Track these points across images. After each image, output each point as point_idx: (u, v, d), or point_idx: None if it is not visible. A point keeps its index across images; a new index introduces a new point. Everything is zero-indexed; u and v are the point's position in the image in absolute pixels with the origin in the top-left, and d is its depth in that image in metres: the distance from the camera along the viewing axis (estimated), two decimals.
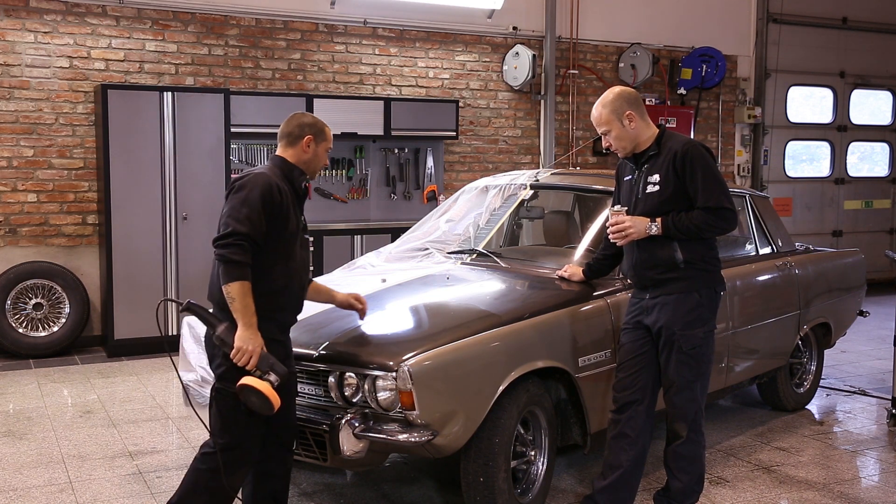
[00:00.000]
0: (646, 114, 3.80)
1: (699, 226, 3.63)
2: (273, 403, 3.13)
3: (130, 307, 7.13)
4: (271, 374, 3.17)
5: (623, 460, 3.80)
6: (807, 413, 5.81)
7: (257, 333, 3.18)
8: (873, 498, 4.32)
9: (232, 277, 3.15)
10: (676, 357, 3.72)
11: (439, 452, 3.52)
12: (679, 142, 3.72)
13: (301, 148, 3.45)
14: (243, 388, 3.13)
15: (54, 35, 7.37)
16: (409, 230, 5.43)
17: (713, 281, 3.79)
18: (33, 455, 4.78)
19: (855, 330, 6.78)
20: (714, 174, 3.66)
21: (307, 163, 3.47)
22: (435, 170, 8.78)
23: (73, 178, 7.49)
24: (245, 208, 3.19)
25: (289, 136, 3.47)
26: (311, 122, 3.49)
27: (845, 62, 11.33)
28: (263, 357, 3.18)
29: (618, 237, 3.74)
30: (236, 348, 3.16)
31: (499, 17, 9.10)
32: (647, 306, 3.79)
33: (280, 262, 3.31)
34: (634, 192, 3.81)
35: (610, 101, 3.74)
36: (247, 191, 3.23)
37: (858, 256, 6.35)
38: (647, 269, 3.76)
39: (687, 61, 10.01)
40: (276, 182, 3.30)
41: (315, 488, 4.34)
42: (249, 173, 3.33)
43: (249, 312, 3.17)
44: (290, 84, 8.25)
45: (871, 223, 11.77)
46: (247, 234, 3.17)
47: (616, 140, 3.76)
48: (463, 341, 3.57)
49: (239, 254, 3.15)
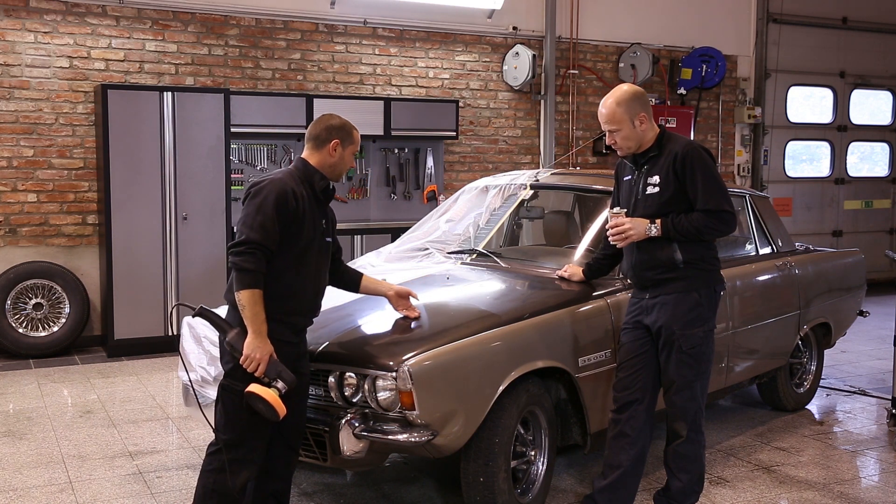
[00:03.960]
0: (652, 115, 3.80)
1: (699, 228, 3.63)
2: (279, 412, 3.15)
3: (130, 307, 7.13)
4: (279, 381, 3.19)
5: (623, 460, 3.80)
6: (807, 413, 5.81)
7: (267, 341, 3.20)
8: (873, 498, 4.32)
9: (244, 285, 3.18)
10: (676, 357, 3.72)
11: (439, 452, 3.52)
12: (679, 143, 3.72)
13: (327, 151, 3.45)
14: (250, 395, 3.16)
15: (54, 35, 7.37)
16: (409, 230, 5.43)
17: (713, 280, 3.79)
18: (33, 455, 4.78)
19: (855, 330, 6.77)
20: (714, 177, 3.67)
21: (332, 166, 3.47)
22: (435, 170, 8.78)
23: (73, 178, 7.49)
24: (259, 216, 3.21)
25: (316, 139, 3.46)
26: (339, 124, 3.48)
27: (845, 62, 11.33)
28: (272, 364, 3.20)
29: (617, 239, 3.74)
30: (245, 355, 3.19)
31: (499, 17, 9.10)
32: (646, 306, 3.79)
33: (293, 267, 3.33)
34: (634, 193, 3.80)
35: (626, 101, 3.69)
36: (261, 197, 3.25)
37: (858, 256, 6.35)
38: (646, 269, 3.76)
39: (687, 61, 10.01)
40: (292, 187, 3.31)
41: (315, 488, 4.34)
42: (266, 178, 3.35)
43: (259, 320, 3.19)
44: (290, 84, 8.25)
45: (871, 223, 11.77)
46: (259, 243, 3.19)
47: (623, 140, 3.74)
48: (463, 341, 3.57)
49: (251, 262, 3.18)
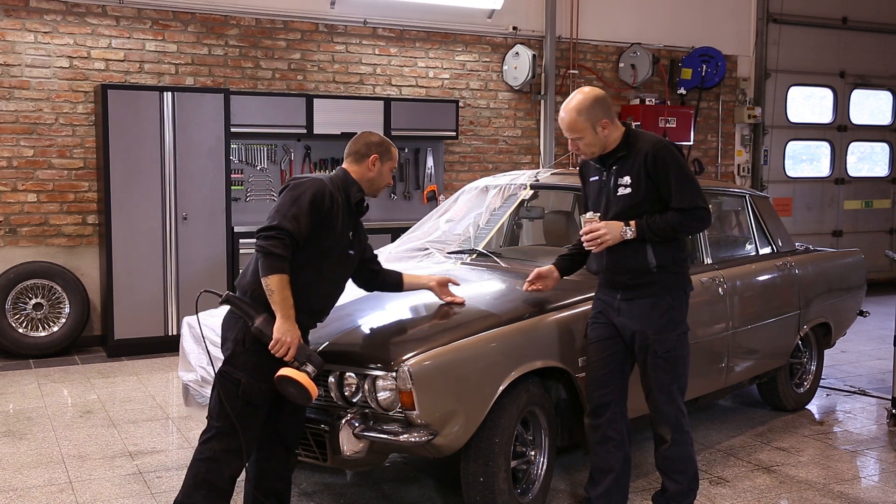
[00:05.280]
0: (615, 115, 3.74)
1: (674, 227, 3.61)
2: (311, 393, 3.21)
3: (130, 307, 7.13)
4: (308, 365, 3.24)
5: (613, 463, 3.80)
6: (807, 413, 5.81)
7: (295, 325, 3.26)
8: (873, 498, 4.32)
9: (273, 270, 3.22)
10: (652, 361, 3.71)
11: (439, 452, 3.52)
12: (648, 142, 3.66)
13: (367, 166, 3.56)
14: (281, 378, 3.21)
15: (54, 35, 7.37)
16: (409, 230, 5.43)
17: (683, 283, 3.78)
18: (33, 455, 4.78)
19: (855, 330, 6.77)
20: (686, 174, 3.64)
21: (371, 181, 3.58)
22: (435, 170, 8.78)
23: (73, 178, 7.49)
24: (294, 207, 3.29)
25: (356, 154, 3.57)
26: (379, 141, 3.60)
27: (845, 62, 11.33)
28: (301, 348, 3.27)
29: (593, 245, 3.69)
30: (275, 339, 3.23)
31: (499, 17, 9.10)
32: (617, 306, 3.77)
33: (311, 267, 3.38)
34: (605, 195, 3.76)
35: (586, 108, 3.63)
36: (300, 191, 3.33)
37: (858, 256, 6.35)
38: (619, 273, 3.73)
39: (687, 61, 10.01)
40: (331, 190, 3.41)
41: (315, 488, 4.35)
42: (309, 176, 3.47)
43: (288, 305, 3.24)
44: (290, 84, 8.25)
45: (871, 223, 11.77)
46: (290, 232, 3.25)
47: (586, 146, 3.69)
48: (463, 341, 3.57)
49: (280, 248, 3.23)
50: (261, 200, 8.03)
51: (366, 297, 3.99)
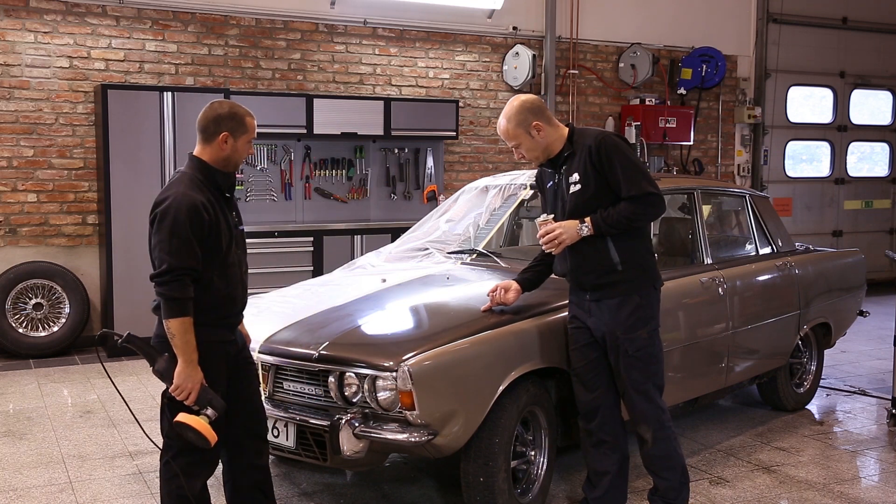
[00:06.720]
0: (552, 118, 3.72)
1: (629, 217, 3.57)
2: (209, 439, 3.06)
3: (130, 307, 7.12)
4: (209, 409, 3.11)
5: (608, 465, 3.81)
6: (807, 413, 5.81)
7: (197, 369, 3.10)
8: (873, 498, 4.32)
9: (173, 314, 3.05)
10: (625, 361, 3.69)
11: (439, 452, 3.53)
12: (591, 136, 3.65)
13: (217, 146, 3.20)
14: (179, 423, 3.08)
15: (54, 35, 7.37)
16: (409, 230, 5.43)
17: (651, 279, 3.75)
18: (33, 455, 4.78)
19: (855, 330, 6.77)
20: (632, 162, 3.61)
21: (226, 160, 3.23)
22: (435, 170, 8.78)
23: (73, 178, 7.49)
24: (175, 239, 3.04)
25: (204, 133, 3.22)
26: (228, 113, 3.22)
27: (845, 62, 11.33)
28: (202, 392, 3.11)
29: (551, 246, 3.67)
30: (175, 385, 3.10)
31: (499, 17, 9.10)
32: (587, 307, 3.76)
33: (220, 274, 3.18)
34: (559, 196, 3.74)
35: (514, 115, 3.63)
36: (171, 218, 3.05)
37: (858, 256, 6.34)
38: (584, 273, 3.71)
39: (687, 61, 10.01)
40: (199, 199, 3.10)
41: (315, 488, 4.34)
42: (169, 195, 3.11)
43: (190, 349, 3.08)
44: (290, 84, 8.25)
45: (871, 223, 11.77)
46: (183, 267, 3.04)
47: (528, 152, 3.69)
48: (463, 341, 3.57)
49: (178, 290, 3.04)
50: (261, 200, 8.03)
51: (366, 297, 3.99)
